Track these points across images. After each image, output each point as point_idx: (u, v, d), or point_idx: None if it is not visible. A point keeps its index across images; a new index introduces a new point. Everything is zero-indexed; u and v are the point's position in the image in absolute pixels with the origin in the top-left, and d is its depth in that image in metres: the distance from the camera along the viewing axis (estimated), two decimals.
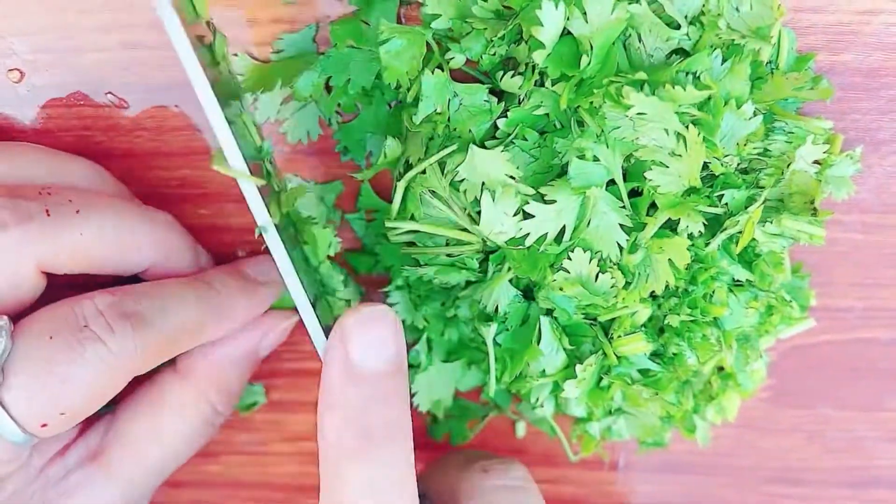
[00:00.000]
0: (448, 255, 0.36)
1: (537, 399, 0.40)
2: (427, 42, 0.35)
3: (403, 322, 0.39)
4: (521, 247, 0.34)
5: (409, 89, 0.36)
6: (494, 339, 0.37)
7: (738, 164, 0.35)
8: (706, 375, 0.42)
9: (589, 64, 0.31)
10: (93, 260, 0.34)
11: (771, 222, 0.35)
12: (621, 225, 0.33)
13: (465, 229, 0.35)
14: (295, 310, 0.34)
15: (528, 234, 0.33)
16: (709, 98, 0.33)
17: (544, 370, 0.37)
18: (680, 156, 0.32)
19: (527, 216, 0.32)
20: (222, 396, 0.39)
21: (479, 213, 0.34)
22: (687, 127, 0.31)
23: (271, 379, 0.46)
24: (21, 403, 0.31)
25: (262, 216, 0.31)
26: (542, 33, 0.31)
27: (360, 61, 0.36)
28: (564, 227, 0.33)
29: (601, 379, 0.39)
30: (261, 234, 0.31)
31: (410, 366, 0.41)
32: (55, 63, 0.38)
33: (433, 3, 0.34)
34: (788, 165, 0.34)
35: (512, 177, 0.33)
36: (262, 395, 0.46)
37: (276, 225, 0.32)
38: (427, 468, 0.41)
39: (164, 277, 0.37)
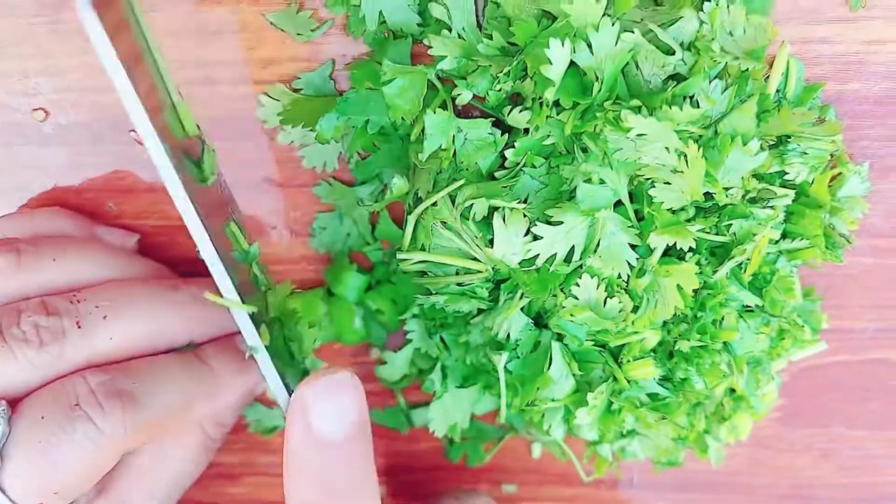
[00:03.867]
0: (458, 284, 0.35)
1: (549, 425, 0.39)
2: (431, 81, 0.35)
3: (418, 350, 0.39)
4: (531, 268, 0.33)
5: (413, 127, 0.35)
6: (505, 367, 0.37)
7: (746, 194, 0.34)
8: (718, 398, 0.41)
9: (600, 91, 0.31)
10: (123, 356, 0.35)
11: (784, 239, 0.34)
12: (631, 245, 0.33)
13: (474, 258, 0.35)
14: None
15: (538, 255, 0.32)
16: (716, 132, 0.33)
17: (553, 396, 0.37)
18: (682, 172, 0.31)
19: (536, 238, 0.32)
20: (217, 428, 0.39)
21: (490, 241, 0.33)
22: (687, 144, 0.30)
23: None
24: (17, 486, 0.31)
25: (252, 339, 0.32)
26: (550, 71, 0.31)
27: (378, 102, 0.36)
28: (574, 247, 0.32)
29: (611, 403, 0.39)
30: (251, 355, 0.33)
31: (427, 394, 0.41)
32: (79, 102, 0.38)
33: (438, 45, 0.34)
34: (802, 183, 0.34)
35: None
36: (281, 419, 0.46)
37: (267, 347, 0.33)
38: None
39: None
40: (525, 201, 0.33)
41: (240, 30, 0.37)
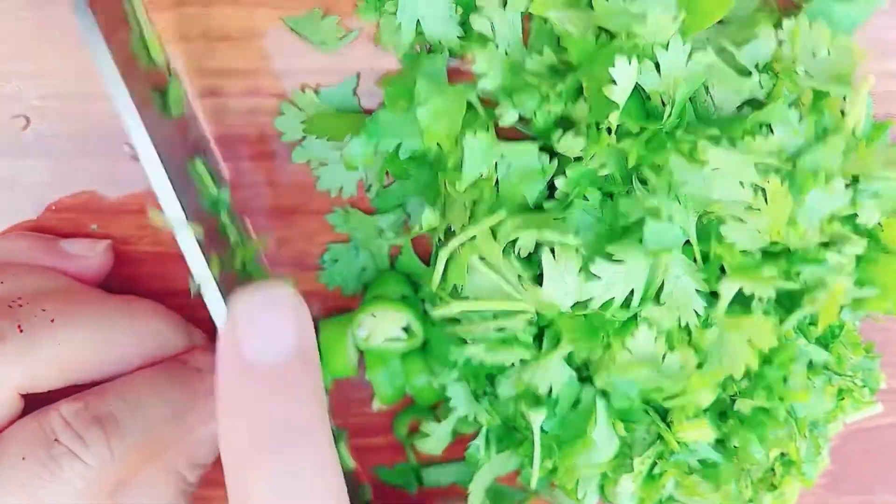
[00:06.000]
0: (498, 330, 0.31)
1: (584, 493, 0.34)
2: (471, 102, 0.31)
3: (465, 418, 0.34)
4: (582, 312, 0.29)
5: (450, 153, 0.31)
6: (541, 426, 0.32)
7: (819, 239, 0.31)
8: (768, 463, 0.36)
9: (669, 117, 0.27)
10: (75, 370, 0.30)
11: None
12: (698, 290, 0.29)
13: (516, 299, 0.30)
14: None
15: (592, 298, 0.28)
16: (792, 167, 0.29)
17: (593, 461, 0.32)
18: (759, 210, 0.27)
19: (591, 278, 0.28)
20: (194, 469, 0.34)
21: (537, 277, 0.29)
22: (768, 179, 0.27)
23: None
24: None
25: (199, 268, 0.27)
26: (615, 92, 0.27)
27: (413, 124, 0.31)
28: (633, 291, 0.28)
29: (654, 466, 0.34)
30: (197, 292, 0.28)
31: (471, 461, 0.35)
32: (66, 110, 0.34)
33: (483, 61, 0.30)
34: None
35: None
36: None
37: (217, 279, 0.28)
38: None
39: None
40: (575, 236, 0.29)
41: (254, 36, 0.33)
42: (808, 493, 0.42)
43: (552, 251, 0.28)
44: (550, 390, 0.31)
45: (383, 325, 0.33)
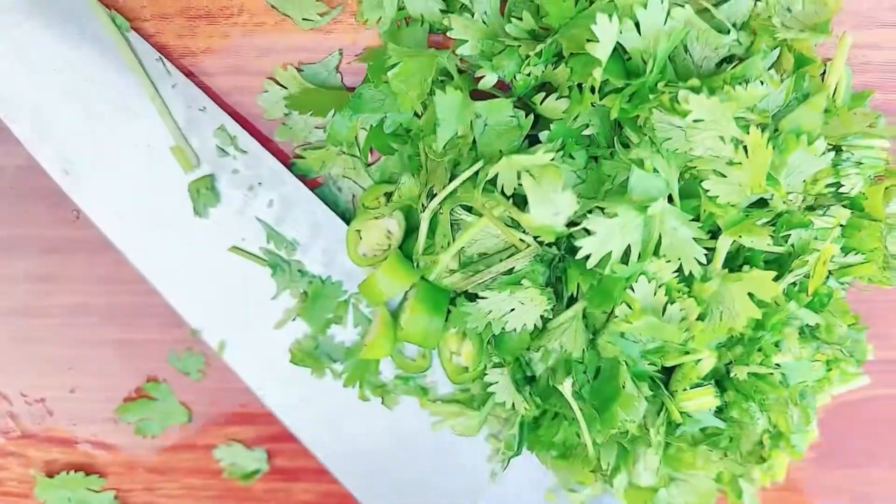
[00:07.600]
0: (506, 274, 0.30)
1: (607, 464, 0.33)
2: (447, 69, 0.30)
3: (503, 404, 0.32)
4: (578, 258, 0.28)
5: (424, 115, 0.31)
6: (578, 394, 0.31)
7: (803, 201, 0.30)
8: (757, 435, 0.36)
9: (651, 72, 0.26)
10: None
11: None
12: (695, 239, 0.28)
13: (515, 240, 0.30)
14: None
15: (590, 254, 0.27)
16: (775, 130, 0.29)
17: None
18: (740, 163, 0.27)
19: (587, 234, 0.27)
20: None
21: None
22: (746, 133, 0.26)
23: (274, 443, 0.39)
24: None
25: None
26: (597, 49, 0.26)
27: (396, 97, 0.31)
28: (630, 248, 0.27)
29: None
30: None
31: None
32: None
33: (460, 27, 0.30)
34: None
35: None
36: (263, 462, 0.39)
37: None
38: None
39: None
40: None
41: (235, 13, 0.32)
42: (797, 469, 0.41)
43: (532, 175, 0.28)
44: (583, 353, 0.30)
45: None
